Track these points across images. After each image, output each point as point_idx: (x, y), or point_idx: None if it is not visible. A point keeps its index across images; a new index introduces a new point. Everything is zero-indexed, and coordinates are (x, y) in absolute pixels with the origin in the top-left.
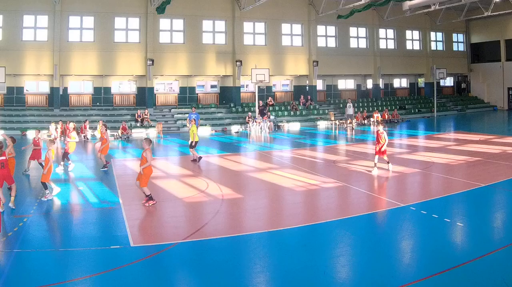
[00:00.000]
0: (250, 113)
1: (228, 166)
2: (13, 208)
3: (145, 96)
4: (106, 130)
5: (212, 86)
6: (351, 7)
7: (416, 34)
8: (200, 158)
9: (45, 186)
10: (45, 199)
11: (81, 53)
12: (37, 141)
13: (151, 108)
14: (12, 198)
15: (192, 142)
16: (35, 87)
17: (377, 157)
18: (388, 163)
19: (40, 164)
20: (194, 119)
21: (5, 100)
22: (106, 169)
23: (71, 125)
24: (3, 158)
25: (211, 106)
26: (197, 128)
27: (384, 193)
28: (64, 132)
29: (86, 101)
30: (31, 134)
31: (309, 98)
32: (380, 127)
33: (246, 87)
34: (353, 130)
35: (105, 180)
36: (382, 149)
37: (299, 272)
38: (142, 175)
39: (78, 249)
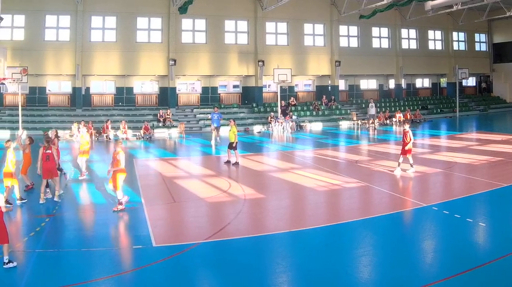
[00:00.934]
0: (272, 113)
1: (250, 166)
2: (58, 201)
3: (167, 96)
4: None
5: (235, 86)
6: (373, 7)
7: (438, 34)
8: (237, 163)
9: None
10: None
11: (103, 53)
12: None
13: (173, 108)
14: (57, 192)
15: (232, 143)
16: (57, 87)
17: (402, 157)
18: (411, 165)
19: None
20: (233, 120)
21: (27, 100)
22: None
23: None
24: (49, 151)
25: (233, 106)
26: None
27: (406, 193)
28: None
29: (108, 101)
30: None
31: (331, 98)
32: (406, 126)
33: (268, 87)
34: (375, 131)
35: (127, 180)
36: (406, 148)
37: (321, 272)
38: (116, 178)
39: (100, 249)
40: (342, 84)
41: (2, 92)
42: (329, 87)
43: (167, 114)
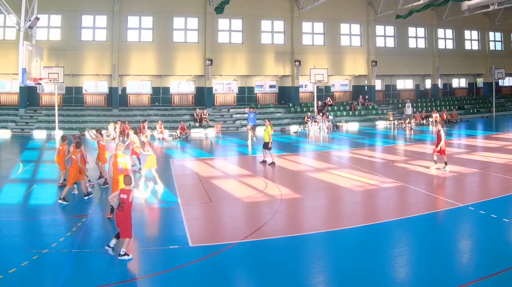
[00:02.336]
0: (309, 113)
1: (286, 166)
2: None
3: (203, 96)
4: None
5: (271, 86)
6: (410, 7)
7: (474, 34)
8: (273, 163)
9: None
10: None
11: (140, 53)
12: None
13: (210, 108)
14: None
15: (267, 143)
16: (94, 87)
17: (436, 154)
18: (445, 163)
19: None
20: (269, 120)
21: (64, 100)
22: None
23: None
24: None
25: (269, 106)
26: (271, 128)
27: (442, 193)
28: (122, 133)
29: (144, 101)
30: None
31: (367, 98)
32: (439, 126)
33: (305, 87)
34: (412, 131)
35: (164, 180)
36: (438, 148)
37: (357, 272)
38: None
39: (137, 249)
40: (378, 84)
41: (38, 93)
42: (366, 87)
43: (204, 114)
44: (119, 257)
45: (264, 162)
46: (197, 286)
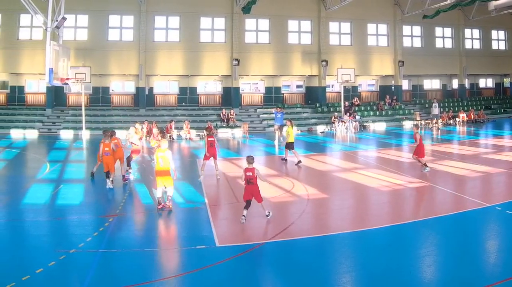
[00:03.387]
0: (335, 113)
1: (313, 166)
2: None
3: (230, 96)
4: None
5: (298, 86)
6: (437, 7)
7: (501, 34)
8: (299, 161)
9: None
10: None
11: (167, 53)
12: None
13: (237, 108)
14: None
15: (290, 143)
16: (121, 87)
17: (414, 157)
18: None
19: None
20: (290, 121)
21: (91, 100)
22: None
23: (155, 130)
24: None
25: (296, 106)
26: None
27: (469, 193)
28: (149, 133)
29: (171, 101)
30: (117, 134)
31: (394, 98)
32: (415, 129)
33: (332, 87)
34: (439, 131)
35: (191, 180)
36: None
37: (384, 272)
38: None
39: (164, 249)
40: (405, 84)
41: (65, 93)
42: (393, 87)
43: (231, 114)
44: (268, 217)
45: (285, 160)
46: (223, 286)
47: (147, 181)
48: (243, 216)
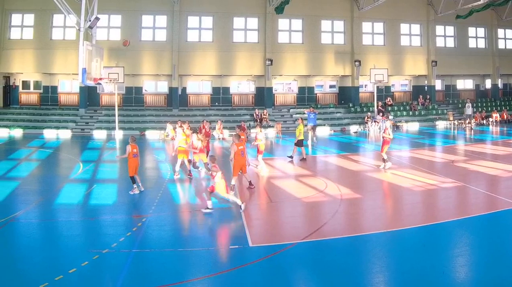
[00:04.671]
0: (369, 113)
1: (346, 166)
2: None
3: (263, 96)
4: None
5: (331, 86)
6: (470, 7)
7: None
8: (304, 158)
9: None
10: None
11: (200, 53)
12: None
13: (270, 108)
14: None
15: (299, 141)
16: (154, 87)
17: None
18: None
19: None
20: (302, 119)
21: (124, 100)
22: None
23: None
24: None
25: (329, 106)
26: (304, 127)
27: (502, 193)
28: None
29: (204, 101)
30: (149, 134)
31: (427, 98)
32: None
33: (365, 87)
34: (472, 131)
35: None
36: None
37: (417, 272)
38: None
39: (197, 249)
40: (438, 84)
41: (98, 93)
42: (426, 87)
43: (264, 114)
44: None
45: (291, 157)
46: (257, 286)
47: (180, 180)
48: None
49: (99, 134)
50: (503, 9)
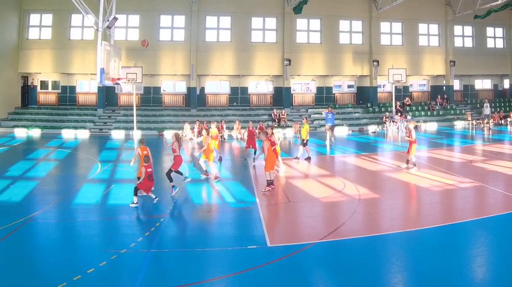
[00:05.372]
0: (387, 113)
1: (365, 166)
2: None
3: (282, 96)
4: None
5: (349, 86)
6: (488, 7)
7: None
8: (309, 157)
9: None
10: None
11: (218, 53)
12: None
13: (288, 108)
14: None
15: (303, 140)
16: (172, 87)
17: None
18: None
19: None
20: (306, 119)
21: (142, 100)
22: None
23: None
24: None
25: (348, 106)
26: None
27: None
28: (200, 133)
29: (223, 101)
30: (168, 134)
31: (445, 98)
32: (410, 125)
33: (383, 87)
34: (490, 130)
35: (242, 180)
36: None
37: (435, 272)
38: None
39: (215, 249)
40: (456, 84)
41: (117, 93)
42: (444, 87)
43: (282, 114)
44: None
45: (296, 158)
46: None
47: (199, 180)
48: None
49: (117, 135)
50: None
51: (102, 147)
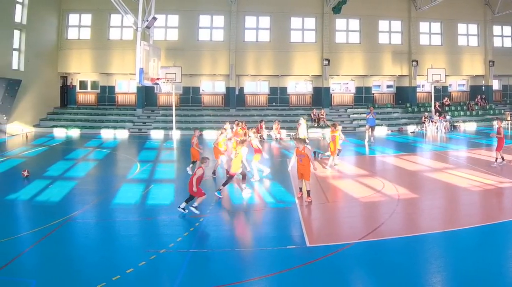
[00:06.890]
0: (426, 113)
1: (404, 166)
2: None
3: (321, 96)
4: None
5: (388, 86)
6: None
7: None
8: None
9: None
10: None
11: (257, 53)
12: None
13: (327, 108)
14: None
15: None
16: (211, 87)
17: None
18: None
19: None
20: (305, 118)
21: (181, 100)
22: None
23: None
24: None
25: (387, 106)
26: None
27: None
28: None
29: (262, 101)
30: (207, 134)
31: (483, 98)
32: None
33: (422, 87)
34: None
35: (281, 180)
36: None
37: (474, 272)
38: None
39: (253, 249)
40: (496, 84)
41: (156, 93)
42: (483, 87)
43: (321, 114)
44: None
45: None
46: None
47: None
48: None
49: (156, 134)
50: None
51: (141, 147)
